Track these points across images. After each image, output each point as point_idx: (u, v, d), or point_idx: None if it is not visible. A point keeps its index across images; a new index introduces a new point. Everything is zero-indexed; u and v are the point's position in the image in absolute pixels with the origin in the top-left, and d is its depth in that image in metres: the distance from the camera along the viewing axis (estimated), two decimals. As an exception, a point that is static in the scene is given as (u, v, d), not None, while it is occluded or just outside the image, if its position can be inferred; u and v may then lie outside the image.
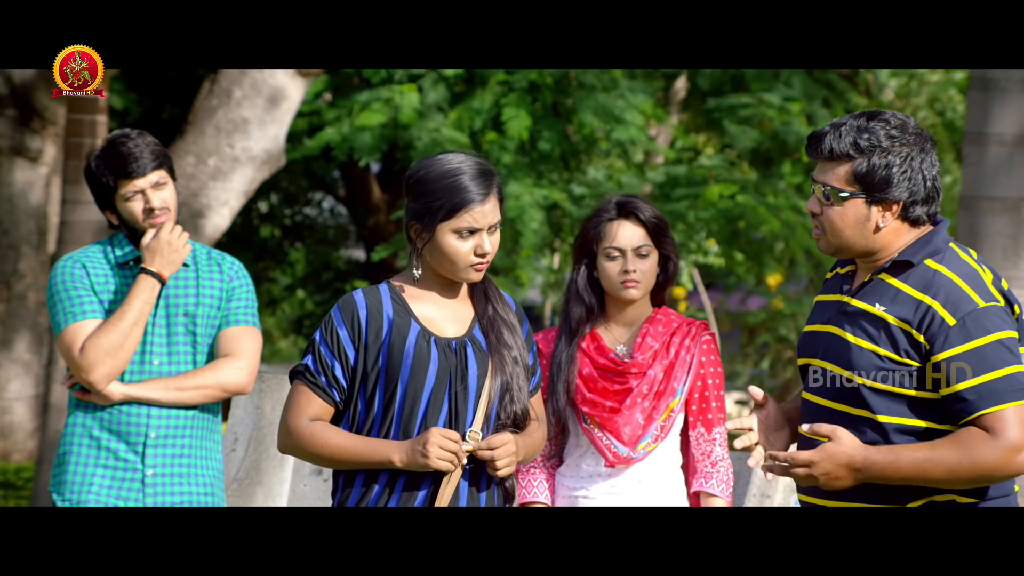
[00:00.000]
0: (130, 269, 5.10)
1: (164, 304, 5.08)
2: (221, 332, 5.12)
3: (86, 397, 5.03)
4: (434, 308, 4.04)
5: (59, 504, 5.03)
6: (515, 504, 4.85)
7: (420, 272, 4.04)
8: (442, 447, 3.88)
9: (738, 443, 3.88)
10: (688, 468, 4.93)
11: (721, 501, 4.85)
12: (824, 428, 3.66)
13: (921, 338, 3.62)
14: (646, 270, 4.87)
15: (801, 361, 3.85)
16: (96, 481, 5.03)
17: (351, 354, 3.97)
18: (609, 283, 4.90)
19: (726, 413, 4.96)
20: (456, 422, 3.97)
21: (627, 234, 4.87)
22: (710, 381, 4.89)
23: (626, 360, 4.89)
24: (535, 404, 4.13)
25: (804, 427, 3.70)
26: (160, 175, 5.05)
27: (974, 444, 3.56)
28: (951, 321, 3.60)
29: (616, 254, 4.87)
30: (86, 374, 4.97)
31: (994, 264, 7.66)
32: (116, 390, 5.01)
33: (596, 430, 4.85)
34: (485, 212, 3.97)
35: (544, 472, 4.94)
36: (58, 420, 9.16)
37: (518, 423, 4.04)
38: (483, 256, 3.98)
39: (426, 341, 3.98)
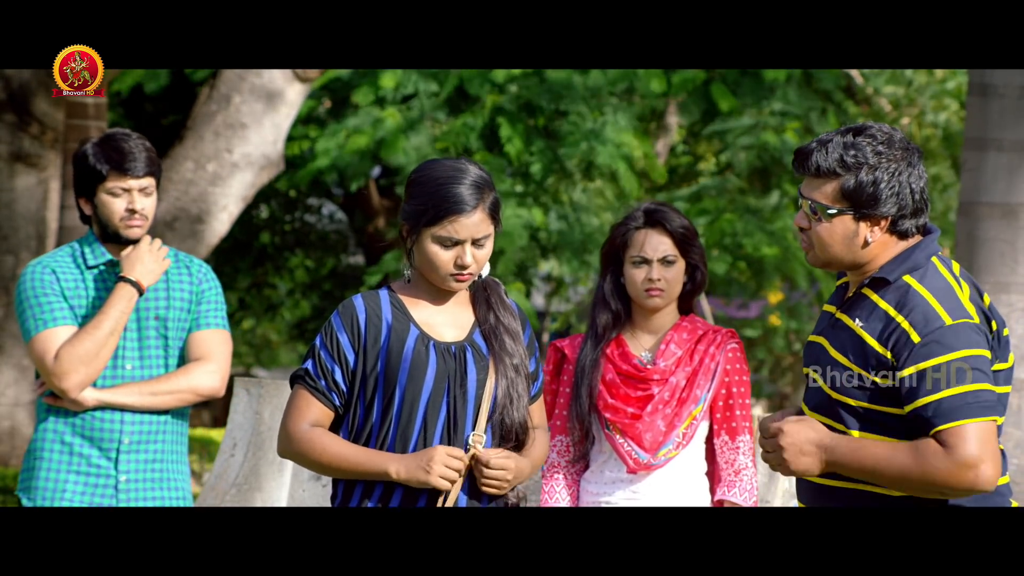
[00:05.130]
0: (100, 272, 5.08)
1: (135, 308, 5.05)
2: (191, 335, 5.10)
3: (57, 403, 5.00)
4: (433, 313, 4.02)
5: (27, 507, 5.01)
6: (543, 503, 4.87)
7: (411, 273, 4.03)
8: (447, 466, 3.87)
9: None
10: (713, 476, 4.91)
11: None
12: (793, 417, 3.71)
13: (888, 354, 3.62)
14: (671, 279, 4.85)
15: (804, 369, 3.88)
16: (69, 487, 5.00)
17: (351, 358, 3.96)
18: (634, 290, 4.88)
19: (751, 421, 4.94)
20: (455, 427, 3.95)
21: (653, 243, 4.85)
22: (735, 389, 4.87)
23: (648, 367, 4.87)
24: (535, 412, 4.09)
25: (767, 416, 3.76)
26: (150, 182, 5.04)
27: (928, 455, 3.56)
28: (916, 339, 3.60)
29: (641, 262, 4.85)
30: (59, 381, 4.94)
31: (992, 270, 7.67)
32: (90, 396, 4.98)
33: (618, 436, 4.83)
34: (468, 224, 3.93)
35: (566, 477, 4.92)
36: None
37: (518, 436, 4.01)
38: (463, 268, 3.95)
39: (424, 345, 3.96)
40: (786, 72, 12.22)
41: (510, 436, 4.00)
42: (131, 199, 5.01)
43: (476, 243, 3.95)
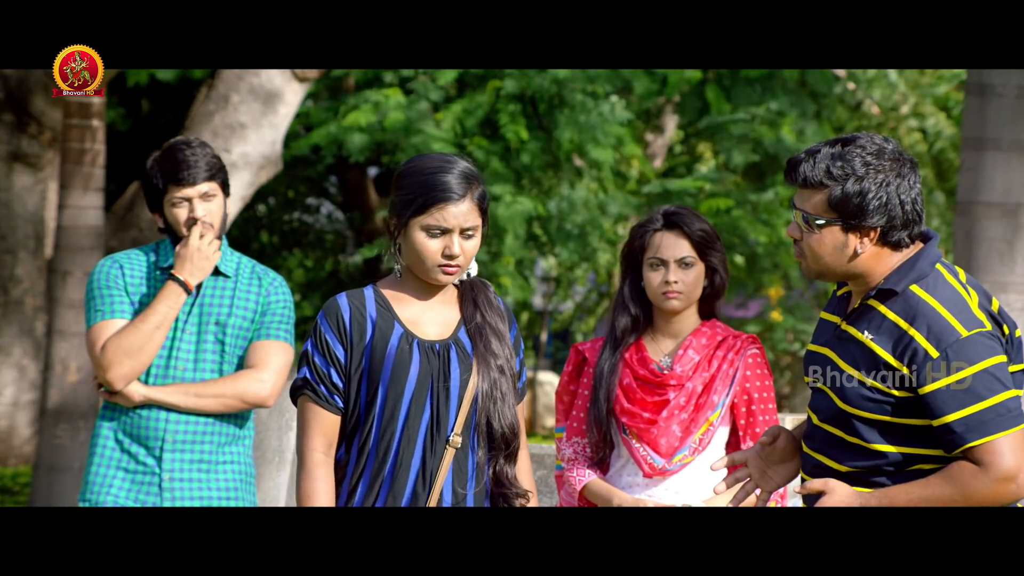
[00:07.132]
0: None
1: (197, 312, 5.10)
2: (252, 344, 5.13)
3: (112, 398, 5.07)
4: (419, 310, 4.02)
5: (80, 505, 5.07)
6: (572, 493, 4.85)
7: (400, 268, 4.03)
8: None
9: (717, 467, 3.97)
10: None
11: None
12: (816, 484, 3.67)
13: (905, 369, 3.61)
14: (688, 282, 4.81)
15: (805, 379, 3.87)
16: (116, 483, 5.06)
17: (341, 356, 3.97)
18: (651, 293, 4.85)
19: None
20: (438, 425, 3.94)
21: (670, 245, 4.82)
22: (756, 395, 4.83)
23: (665, 372, 4.85)
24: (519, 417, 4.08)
25: (797, 488, 3.72)
26: (211, 187, 5.08)
27: (965, 479, 3.56)
28: (934, 354, 3.59)
29: (658, 264, 4.82)
30: (103, 372, 5.02)
31: (990, 269, 7.69)
32: (137, 391, 5.04)
33: (634, 441, 4.82)
34: (456, 213, 3.92)
35: (589, 466, 4.89)
36: (54, 425, 9.15)
37: (506, 439, 4.00)
38: (451, 258, 3.94)
39: (408, 343, 3.95)
40: (764, 71, 12.21)
41: (499, 440, 4.00)
42: (191, 207, 5.07)
43: (464, 234, 3.95)
